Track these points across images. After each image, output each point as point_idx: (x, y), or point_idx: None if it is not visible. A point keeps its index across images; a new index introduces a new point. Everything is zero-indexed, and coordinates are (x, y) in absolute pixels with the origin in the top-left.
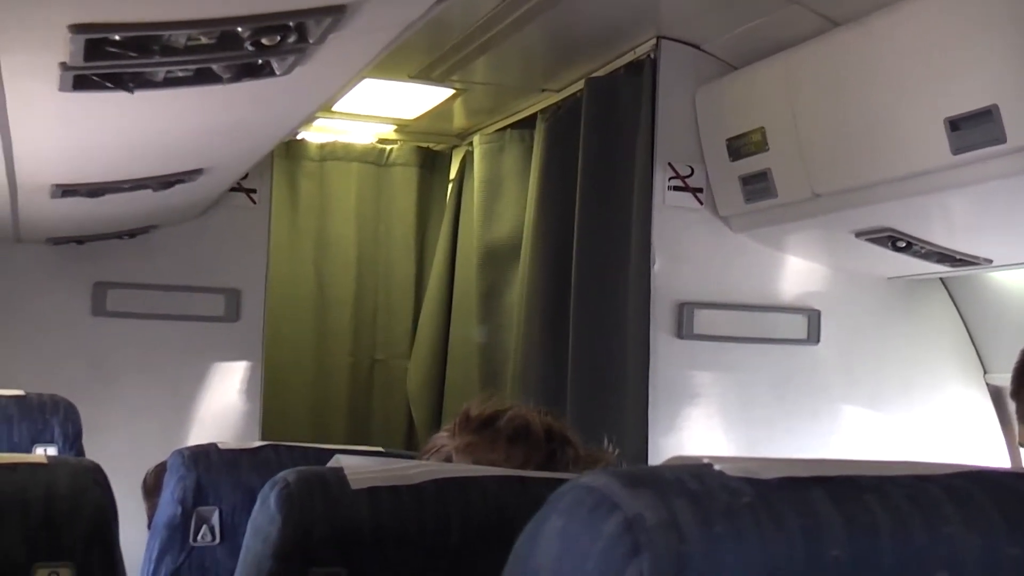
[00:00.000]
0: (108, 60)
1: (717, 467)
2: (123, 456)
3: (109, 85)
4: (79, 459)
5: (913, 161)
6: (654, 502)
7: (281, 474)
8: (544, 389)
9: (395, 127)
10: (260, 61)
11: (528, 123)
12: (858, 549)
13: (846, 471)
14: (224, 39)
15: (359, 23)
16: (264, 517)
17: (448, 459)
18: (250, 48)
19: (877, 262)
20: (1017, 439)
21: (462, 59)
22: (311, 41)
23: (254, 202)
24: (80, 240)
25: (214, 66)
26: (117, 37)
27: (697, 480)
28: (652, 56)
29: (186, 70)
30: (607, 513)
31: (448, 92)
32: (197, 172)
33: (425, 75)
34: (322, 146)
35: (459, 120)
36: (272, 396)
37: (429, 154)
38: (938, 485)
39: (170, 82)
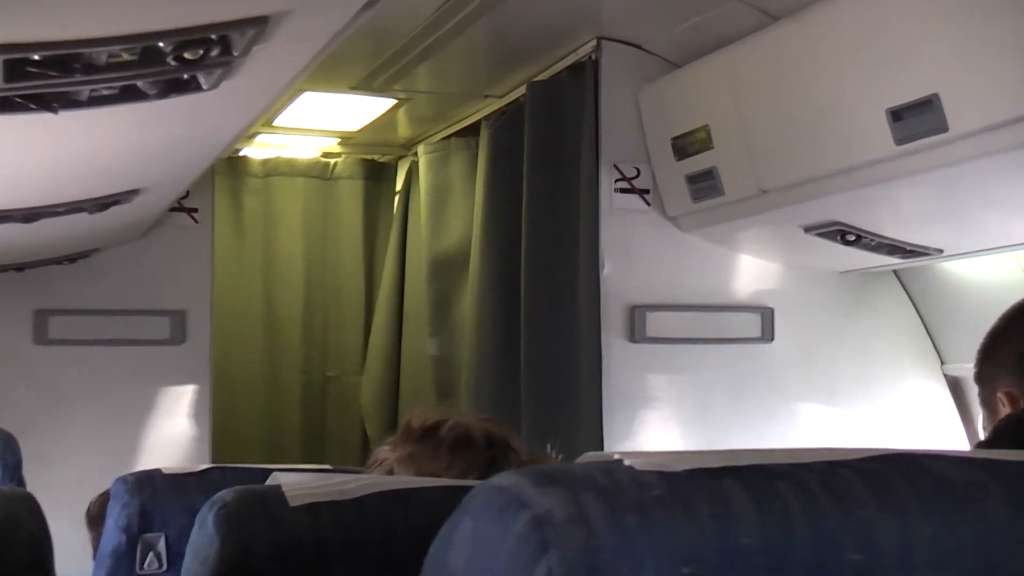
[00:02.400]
0: (29, 80)
1: (628, 462)
2: (69, 487)
3: (33, 106)
4: (12, 489)
5: (857, 153)
6: (563, 498)
7: (219, 494)
8: (499, 399)
9: (339, 140)
10: (186, 76)
11: (473, 130)
12: (770, 535)
13: (758, 460)
14: (147, 55)
15: (284, 34)
16: (203, 538)
17: (391, 471)
18: (173, 63)
19: (828, 257)
20: (980, 425)
21: (403, 67)
22: (236, 54)
23: (196, 221)
24: (20, 267)
25: (139, 83)
26: (37, 57)
27: (607, 475)
28: (594, 57)
29: (111, 88)
30: (516, 512)
31: (390, 102)
32: (133, 192)
33: (366, 85)
34: (265, 162)
35: (403, 130)
36: (222, 419)
37: (374, 166)
38: (851, 469)
39: (96, 101)
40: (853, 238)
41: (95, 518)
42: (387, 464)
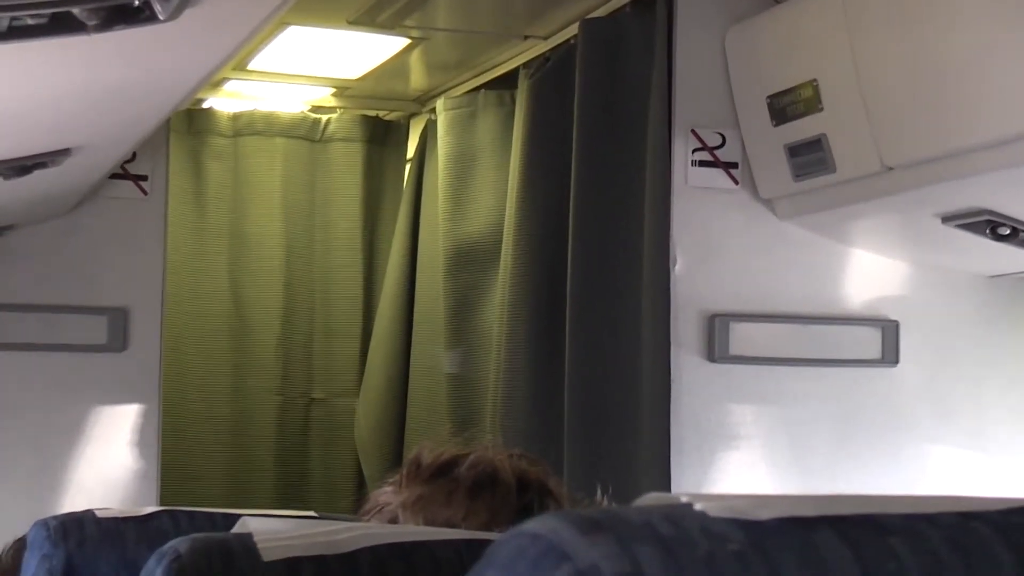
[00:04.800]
0: None
1: (698, 506)
2: None
3: None
4: None
5: (1015, 121)
6: (614, 551)
7: (171, 543)
8: (534, 430)
9: (333, 90)
10: (136, 3)
11: (508, 81)
12: None
13: (867, 508)
14: None
15: None
16: None
17: (394, 520)
18: None
19: (972, 256)
20: None
21: None
22: None
23: (144, 192)
24: None
25: (74, 10)
26: None
27: (671, 523)
28: None
29: (38, 16)
30: (554, 565)
31: (401, 42)
32: (63, 153)
33: (369, 19)
34: (236, 116)
35: (417, 79)
36: (174, 449)
37: (379, 125)
38: (988, 524)
39: (18, 33)
40: (1007, 232)
41: (7, 572)
42: (389, 510)
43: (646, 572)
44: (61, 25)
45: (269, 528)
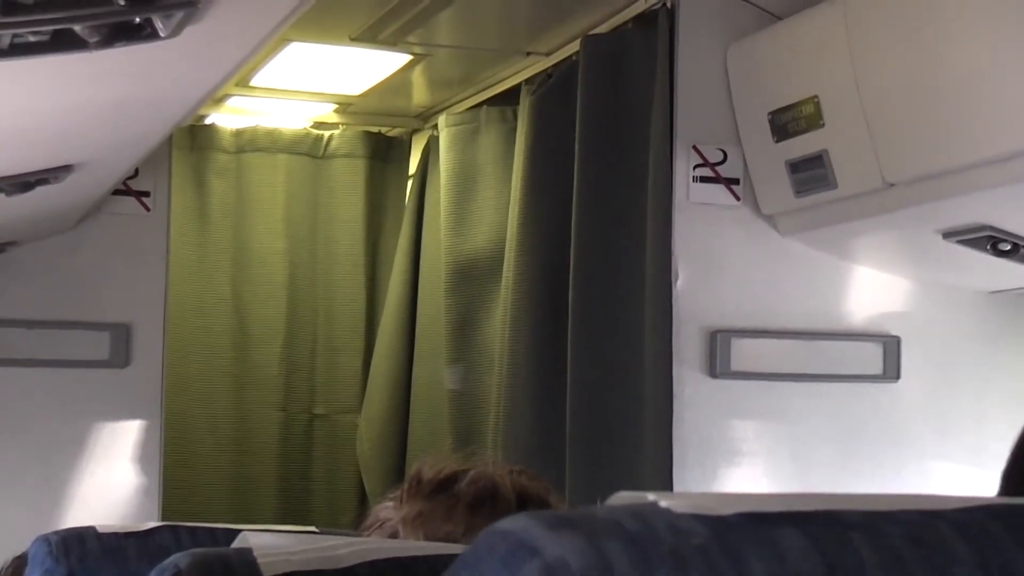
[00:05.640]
0: None
1: (664, 504)
2: None
3: None
4: None
5: (1016, 137)
6: (582, 545)
7: (171, 559)
8: (535, 446)
9: (335, 106)
10: (138, 20)
11: (510, 97)
12: None
13: (828, 505)
14: None
15: None
16: None
17: (395, 535)
18: (122, 3)
19: (974, 272)
20: None
21: (420, 13)
22: None
23: (147, 208)
24: None
25: (76, 27)
26: None
27: (637, 520)
28: (669, 4)
29: (40, 33)
30: (524, 560)
31: (403, 58)
32: (65, 169)
33: (371, 36)
34: (238, 133)
35: (419, 95)
36: (176, 464)
37: (381, 141)
38: (948, 522)
39: (20, 50)
40: (1008, 247)
41: None
42: (390, 526)
43: (614, 566)
44: (63, 42)
45: (269, 543)
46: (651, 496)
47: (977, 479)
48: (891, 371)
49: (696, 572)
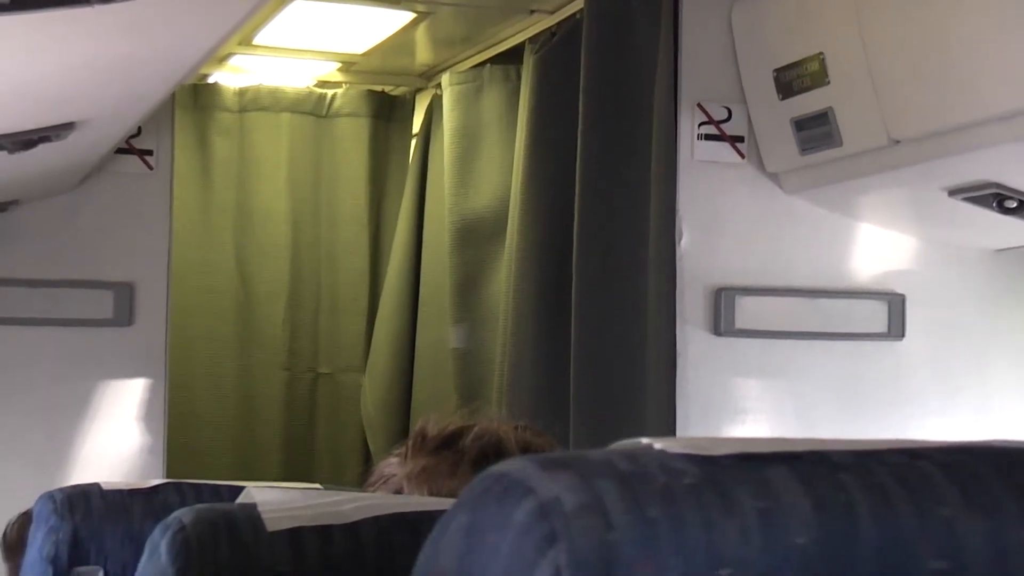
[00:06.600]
0: None
1: (658, 446)
2: None
3: None
4: None
5: (1023, 94)
6: (575, 484)
7: (175, 514)
8: (539, 403)
9: (339, 65)
10: None
11: (514, 55)
12: (829, 536)
13: (818, 447)
14: None
15: None
16: (154, 570)
17: (399, 491)
18: None
19: (979, 229)
20: None
21: None
22: None
23: (150, 167)
24: None
25: None
26: None
27: (630, 460)
28: None
29: None
30: (519, 499)
31: (407, 16)
32: (67, 127)
33: None
34: (242, 92)
35: (423, 54)
36: (180, 423)
37: (384, 100)
38: (933, 461)
39: (22, 3)
40: (1014, 205)
41: (12, 546)
42: (394, 482)
43: (606, 503)
44: None
45: (273, 499)
46: (646, 440)
47: (982, 436)
48: (896, 329)
49: (687, 509)
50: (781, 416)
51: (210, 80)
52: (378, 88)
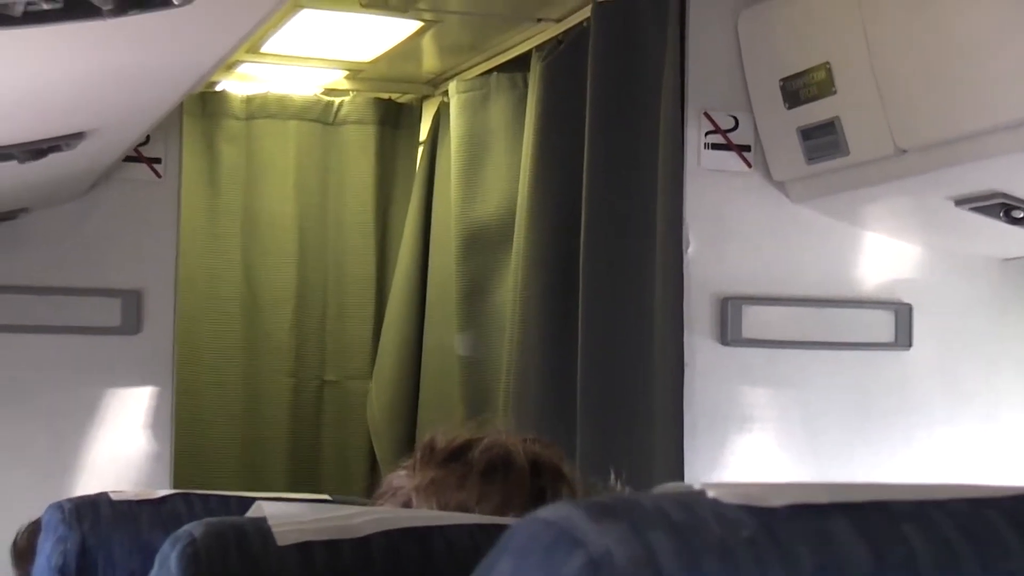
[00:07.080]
0: None
1: (711, 494)
2: None
3: None
4: None
5: None
6: (626, 536)
7: (185, 527)
8: (547, 414)
9: (346, 73)
10: None
11: (520, 64)
12: None
13: (878, 496)
14: None
15: None
16: None
17: (407, 503)
18: None
19: (986, 239)
20: None
21: None
22: None
23: (158, 175)
24: None
25: None
26: None
27: (683, 510)
28: None
29: (53, 1)
30: (568, 551)
31: (414, 25)
32: (77, 136)
33: (382, 2)
34: (249, 99)
35: (430, 62)
36: (187, 432)
37: (391, 108)
38: (999, 511)
39: (33, 18)
40: (1021, 215)
41: (22, 554)
42: (403, 494)
43: (659, 557)
44: (76, 10)
45: (283, 512)
46: (697, 485)
47: (989, 445)
48: (903, 339)
49: (744, 565)
50: (788, 425)
51: (218, 88)
52: (385, 96)
